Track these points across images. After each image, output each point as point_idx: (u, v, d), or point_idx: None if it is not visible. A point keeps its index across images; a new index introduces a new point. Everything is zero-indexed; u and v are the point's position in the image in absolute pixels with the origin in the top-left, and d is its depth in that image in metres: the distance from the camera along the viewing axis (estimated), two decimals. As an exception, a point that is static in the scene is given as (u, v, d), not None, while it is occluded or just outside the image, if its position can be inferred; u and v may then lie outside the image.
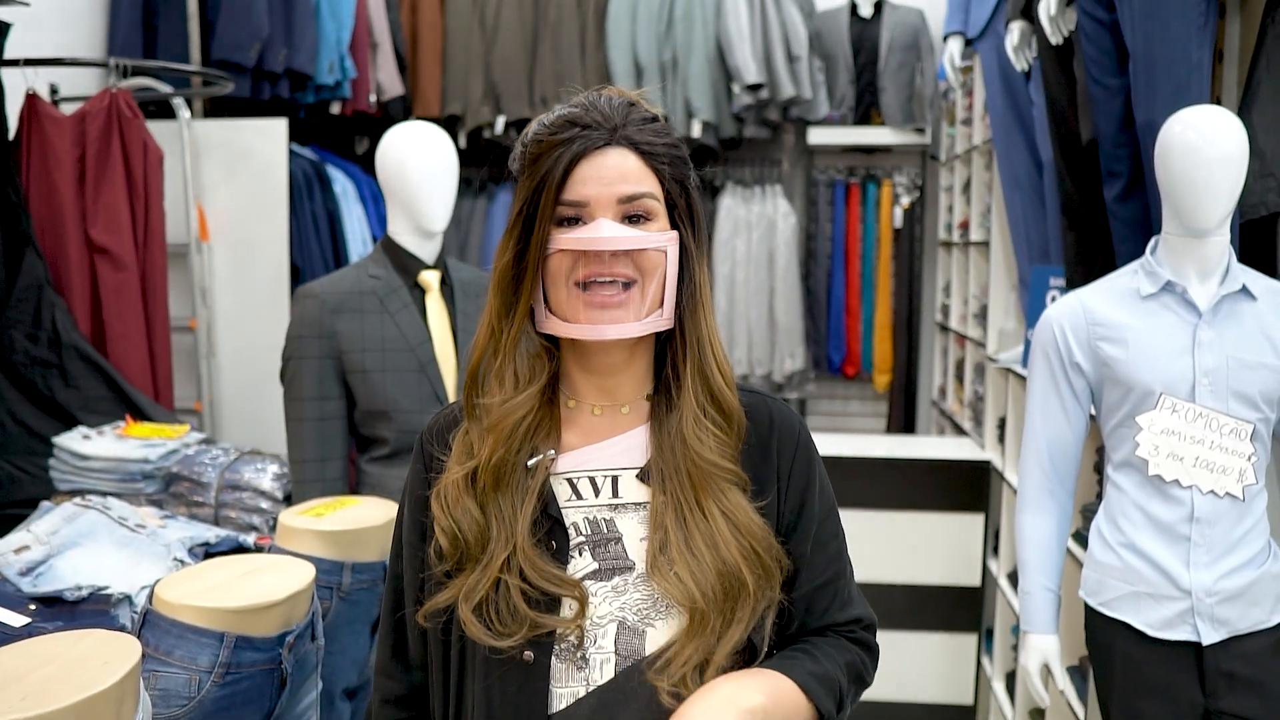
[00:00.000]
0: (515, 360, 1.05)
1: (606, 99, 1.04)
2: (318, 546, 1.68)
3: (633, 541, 1.04)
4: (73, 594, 1.56)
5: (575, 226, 1.01)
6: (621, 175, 1.01)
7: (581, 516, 1.05)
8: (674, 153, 1.05)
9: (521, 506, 1.02)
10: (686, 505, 1.02)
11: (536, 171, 1.01)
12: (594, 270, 1.00)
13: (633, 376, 1.09)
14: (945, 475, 3.25)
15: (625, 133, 1.02)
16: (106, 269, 2.46)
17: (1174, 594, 1.80)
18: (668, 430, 1.05)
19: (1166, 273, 1.84)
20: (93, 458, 2.16)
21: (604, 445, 1.08)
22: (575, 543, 1.04)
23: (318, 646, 1.54)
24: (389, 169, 2.05)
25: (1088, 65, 2.32)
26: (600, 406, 1.09)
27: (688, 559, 0.99)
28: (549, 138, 1.01)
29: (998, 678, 3.16)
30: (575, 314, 1.02)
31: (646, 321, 1.03)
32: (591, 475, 1.07)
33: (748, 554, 1.00)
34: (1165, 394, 1.81)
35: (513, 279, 1.04)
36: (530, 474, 1.04)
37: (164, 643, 1.33)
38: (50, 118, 2.42)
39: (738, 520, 1.02)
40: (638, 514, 1.05)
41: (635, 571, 1.03)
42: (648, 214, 1.02)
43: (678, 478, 1.03)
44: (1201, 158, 1.76)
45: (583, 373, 1.08)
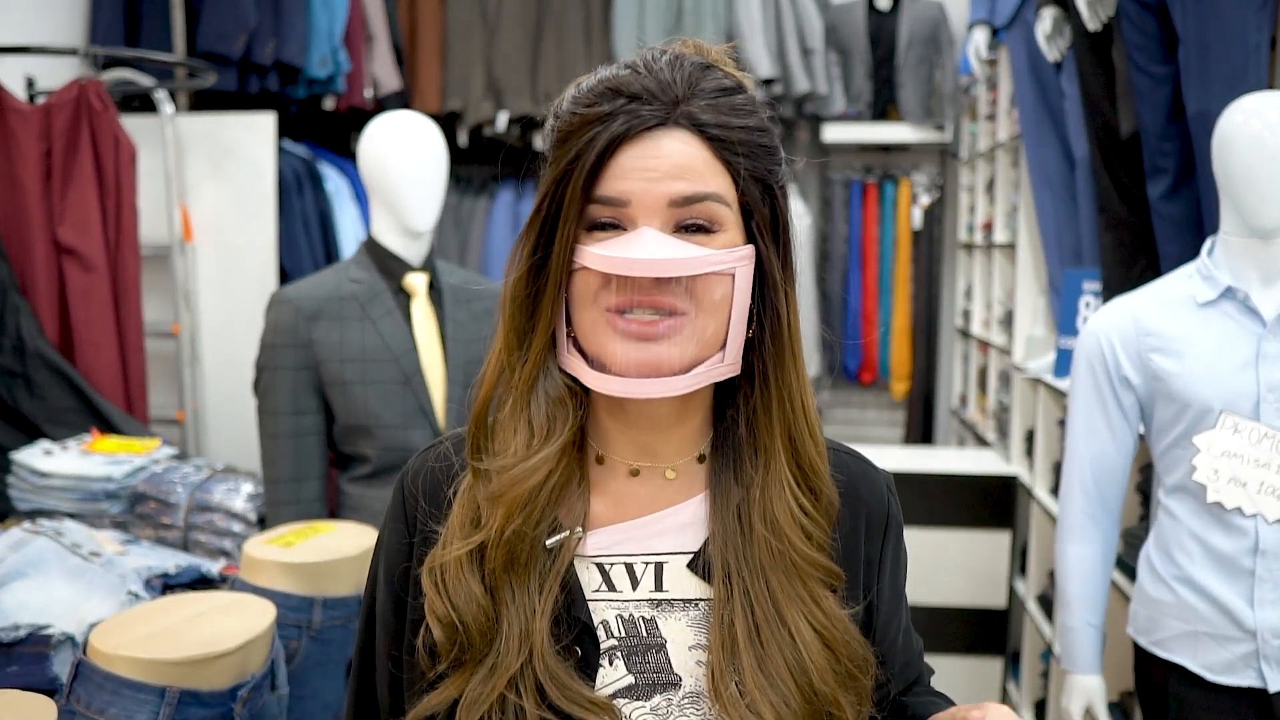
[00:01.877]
0: (531, 405, 0.81)
1: (671, 59, 0.78)
2: (286, 580, 1.52)
3: (679, 651, 0.81)
4: (9, 635, 1.40)
5: (611, 233, 0.77)
6: (678, 168, 0.76)
7: (614, 614, 0.82)
8: (758, 139, 0.78)
9: (541, 597, 0.80)
10: (762, 613, 0.79)
11: (563, 156, 0.77)
12: (628, 299, 0.76)
13: (683, 432, 0.85)
14: (970, 490, 3.07)
15: (689, 108, 0.76)
16: (75, 271, 2.30)
17: (1236, 634, 1.62)
18: (737, 507, 0.82)
19: (1226, 277, 1.67)
20: (53, 475, 2.00)
21: (644, 522, 0.84)
22: (606, 647, 0.81)
23: (279, 696, 1.38)
24: (370, 163, 1.88)
25: (1131, 52, 2.15)
26: (638, 468, 0.85)
27: (766, 689, 0.77)
28: (584, 110, 0.76)
29: (1025, 706, 2.98)
30: (604, 349, 0.77)
31: (698, 371, 0.78)
32: (628, 561, 0.83)
33: (844, 678, 0.80)
34: (1226, 412, 1.63)
35: (527, 299, 0.80)
36: (550, 555, 0.81)
37: (96, 699, 1.17)
38: (15, 110, 2.26)
39: (832, 635, 0.80)
40: (687, 614, 0.82)
41: (682, 690, 0.80)
42: (711, 223, 0.77)
43: (751, 574, 0.80)
44: (1267, 150, 1.59)
45: (618, 424, 0.84)
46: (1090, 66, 2.45)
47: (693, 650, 0.81)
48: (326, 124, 3.88)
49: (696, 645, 0.81)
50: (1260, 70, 1.92)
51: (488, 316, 2.01)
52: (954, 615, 3.11)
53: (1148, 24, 2.09)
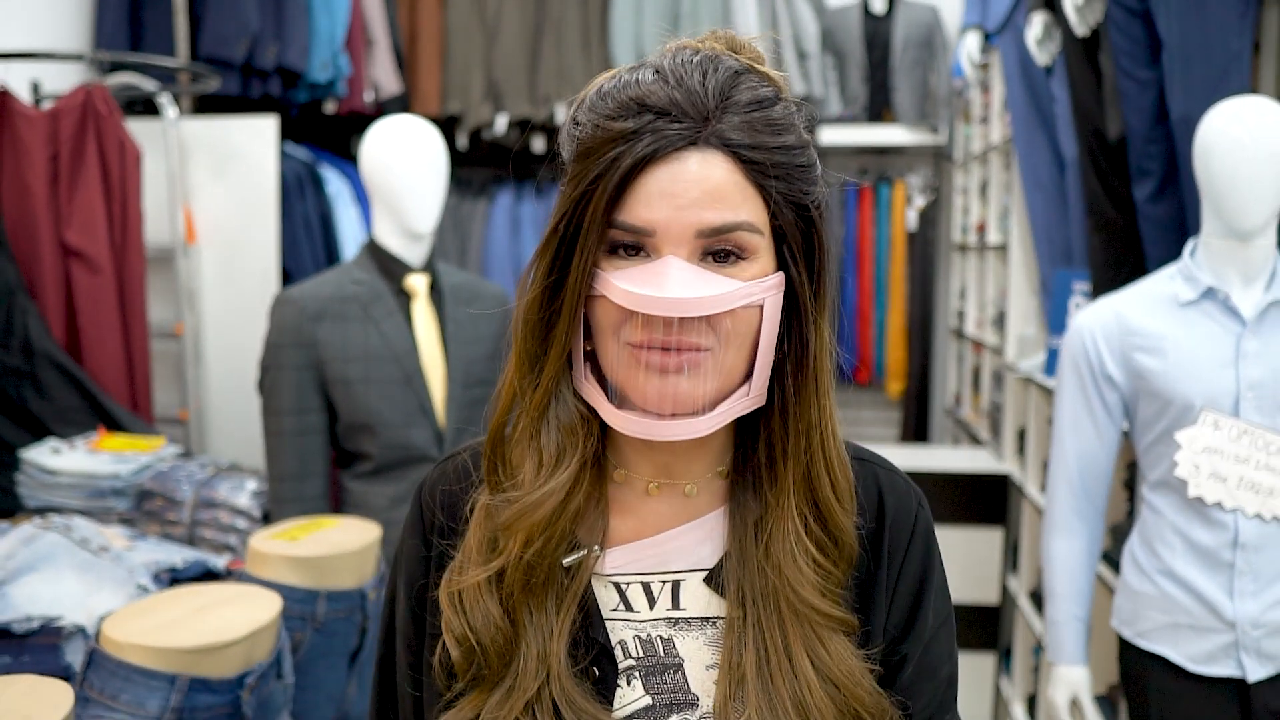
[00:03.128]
0: (541, 433, 0.78)
1: (701, 64, 0.72)
2: (290, 573, 1.56)
3: (696, 669, 0.79)
4: (22, 626, 1.44)
5: (634, 259, 0.73)
6: (707, 195, 0.71)
7: (631, 634, 0.81)
8: (794, 159, 0.73)
9: (559, 618, 0.78)
10: (771, 646, 0.77)
11: (584, 175, 0.72)
12: (650, 337, 0.72)
13: (705, 452, 0.82)
14: (962, 488, 3.11)
15: (721, 126, 0.71)
16: (81, 273, 2.34)
17: (1216, 626, 1.66)
18: (754, 526, 0.80)
19: (1207, 278, 1.71)
20: (61, 473, 2.04)
21: (662, 539, 0.82)
22: (624, 667, 0.80)
23: (285, 685, 1.42)
24: (372, 166, 1.93)
25: (1117, 57, 2.19)
26: (658, 484, 0.83)
27: (768, 712, 0.75)
28: (607, 124, 0.71)
29: (1017, 700, 3.02)
30: (626, 379, 0.74)
31: (722, 408, 0.75)
32: (645, 580, 0.82)
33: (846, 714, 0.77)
34: (1206, 409, 1.67)
35: (540, 323, 0.76)
36: (568, 574, 0.80)
37: (109, 685, 1.21)
38: (23, 115, 2.30)
39: (837, 678, 0.76)
40: (704, 632, 0.80)
41: (700, 709, 0.78)
42: (741, 251, 0.73)
43: (763, 603, 0.78)
44: (1246, 154, 1.63)
45: (636, 445, 0.82)
46: (1079, 71, 2.49)
47: (710, 670, 0.79)
48: (327, 127, 3.92)
49: (714, 665, 0.79)
50: (1242, 75, 1.96)
51: (487, 317, 2.05)
52: None
53: (1134, 29, 2.13)
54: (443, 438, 1.93)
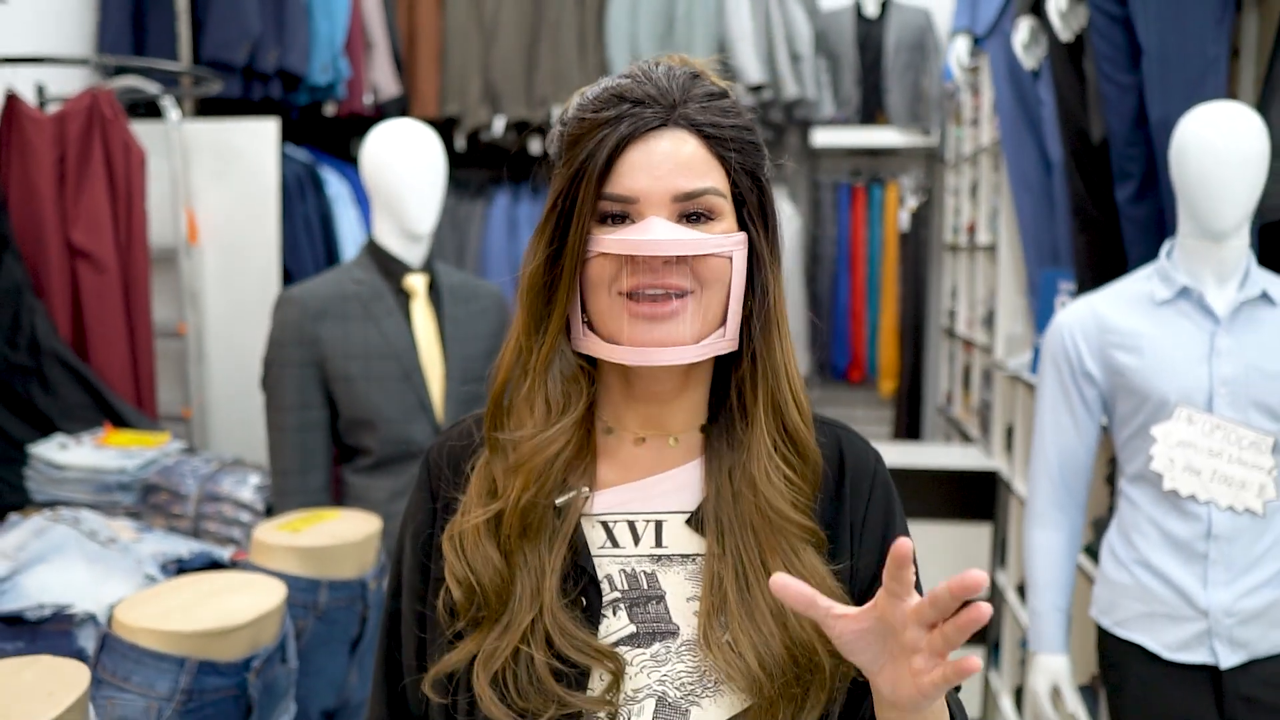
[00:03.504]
0: (547, 384, 0.88)
1: (665, 69, 0.87)
2: (293, 563, 1.61)
3: (677, 601, 0.88)
4: (34, 613, 1.48)
5: (621, 225, 0.85)
6: (679, 165, 0.84)
7: (617, 568, 0.89)
8: (745, 137, 0.88)
9: (550, 556, 0.87)
10: (749, 564, 0.86)
11: (575, 157, 0.85)
12: (643, 281, 0.84)
13: (686, 405, 0.92)
14: (951, 484, 3.17)
15: (686, 111, 0.85)
16: (87, 272, 2.39)
17: (1190, 614, 1.71)
18: (729, 470, 0.89)
19: (1182, 277, 1.77)
20: (68, 467, 2.09)
21: (647, 483, 0.91)
22: (609, 599, 0.88)
23: (289, 670, 1.47)
24: (372, 169, 1.98)
25: (1099, 62, 2.24)
26: (644, 436, 0.93)
27: (750, 631, 0.84)
28: (592, 115, 0.85)
29: (1005, 693, 3.08)
30: (619, 329, 0.85)
31: (705, 344, 0.86)
32: (631, 519, 0.91)
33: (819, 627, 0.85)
34: (1181, 404, 1.73)
35: (544, 287, 0.88)
36: (559, 515, 0.88)
37: (121, 668, 1.26)
38: (30, 118, 2.35)
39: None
40: (685, 568, 0.89)
41: (680, 638, 0.87)
42: (710, 212, 0.86)
43: (740, 529, 0.87)
44: (1219, 157, 1.69)
45: (627, 396, 0.92)
46: (1064, 75, 2.54)
47: (690, 601, 0.87)
48: (327, 129, 3.97)
49: (694, 597, 0.87)
50: (1218, 81, 2.02)
51: (484, 316, 2.10)
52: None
53: (1115, 35, 2.18)
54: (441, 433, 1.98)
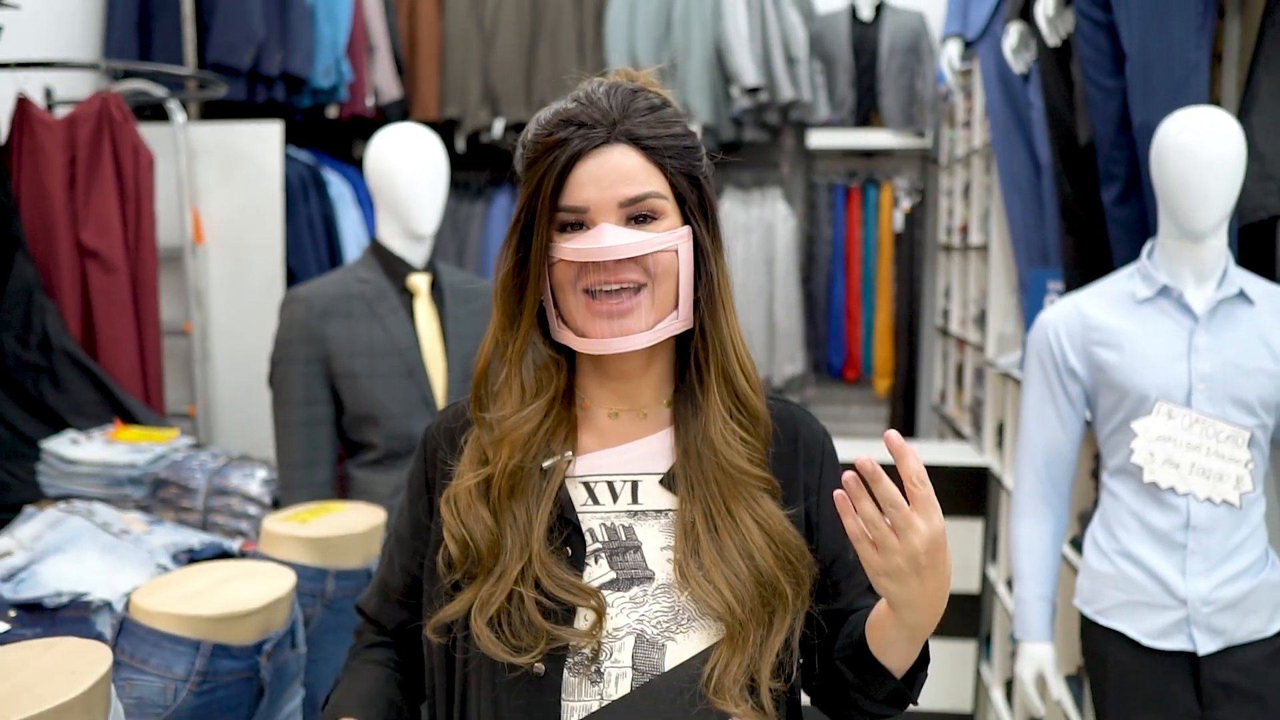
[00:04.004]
0: (522, 372, 1.01)
1: (606, 89, 0.98)
2: (302, 553, 1.67)
3: (653, 550, 0.99)
4: (52, 600, 1.54)
5: (577, 232, 0.97)
6: (623, 176, 0.96)
7: (598, 522, 1.01)
8: (681, 143, 0.99)
9: (537, 512, 0.98)
10: (717, 511, 0.98)
11: (533, 176, 0.97)
12: (600, 278, 0.96)
13: (652, 381, 1.05)
14: (943, 480, 3.22)
15: (625, 127, 0.96)
16: (97, 272, 2.44)
17: (1169, 603, 1.77)
18: (694, 435, 1.01)
19: (1163, 276, 1.82)
20: (80, 462, 2.15)
21: (623, 449, 1.03)
22: (591, 549, 0.99)
23: (299, 654, 1.53)
24: (377, 171, 2.03)
25: (1085, 66, 2.30)
26: (618, 411, 1.05)
27: (722, 568, 0.95)
28: (544, 139, 0.96)
29: (996, 685, 3.14)
30: (584, 323, 0.97)
31: (659, 328, 0.99)
32: (610, 480, 1.02)
33: (783, 562, 0.97)
34: (1161, 400, 1.78)
35: (514, 288, 1.00)
36: (546, 477, 1.00)
37: (139, 650, 1.32)
38: (41, 121, 2.41)
39: (771, 528, 0.98)
40: (659, 521, 1.01)
41: (655, 582, 0.98)
42: (654, 213, 0.97)
43: (706, 485, 0.99)
44: (1197, 160, 1.74)
45: (599, 376, 1.04)
46: (1052, 79, 2.60)
47: (663, 550, 0.99)
48: (329, 131, 4.03)
49: (667, 546, 0.99)
50: (1200, 85, 2.07)
51: (485, 314, 2.15)
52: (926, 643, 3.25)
53: (1100, 41, 2.24)
54: (443, 428, 2.04)
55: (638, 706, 0.93)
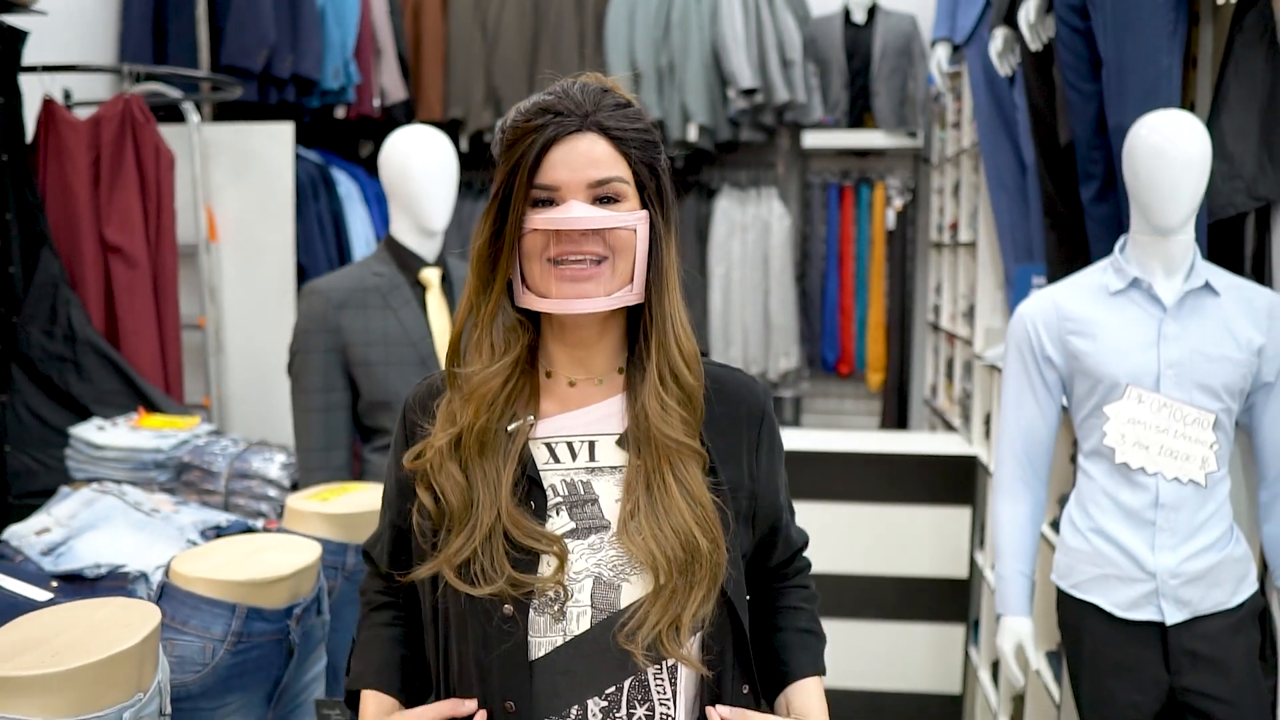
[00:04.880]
0: (492, 333, 1.11)
1: (580, 86, 1.09)
2: (324, 528, 1.77)
3: (608, 502, 1.10)
4: (92, 571, 1.65)
5: (549, 208, 1.07)
6: (591, 160, 1.06)
7: (559, 479, 1.12)
8: (644, 137, 1.10)
9: (505, 471, 1.09)
10: (654, 474, 1.09)
11: (512, 156, 1.07)
12: (566, 249, 1.06)
13: (606, 349, 1.15)
14: (933, 469, 3.34)
15: (596, 119, 1.07)
16: (120, 267, 2.55)
17: (1139, 576, 1.88)
18: (639, 402, 1.11)
19: (1134, 269, 1.93)
20: (107, 447, 2.25)
21: (581, 413, 1.14)
22: (553, 503, 1.10)
23: (323, 621, 1.63)
24: (392, 171, 2.14)
25: (1064, 71, 2.41)
26: (576, 378, 1.15)
27: (653, 525, 1.06)
28: (524, 124, 1.07)
29: (984, 666, 3.24)
30: (548, 288, 1.07)
31: (615, 296, 1.09)
32: (569, 440, 1.13)
33: (701, 522, 1.07)
34: (1131, 385, 1.89)
35: (490, 257, 1.10)
36: (511, 439, 1.10)
37: (180, 613, 1.42)
38: (66, 122, 2.51)
39: (692, 491, 1.08)
40: (613, 477, 1.12)
41: (610, 530, 1.09)
42: (617, 196, 1.08)
43: (646, 448, 1.10)
44: (1165, 160, 1.85)
45: (559, 345, 1.14)
46: (1035, 82, 2.70)
47: (617, 503, 1.10)
48: (335, 131, 4.13)
49: (619, 499, 1.10)
50: (1172, 90, 2.18)
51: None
52: (919, 585, 3.37)
53: (1078, 46, 2.35)
54: (454, 414, 2.14)
55: (598, 640, 1.05)
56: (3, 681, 1.08)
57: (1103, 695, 1.92)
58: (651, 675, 1.08)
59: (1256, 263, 2.14)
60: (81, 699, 1.12)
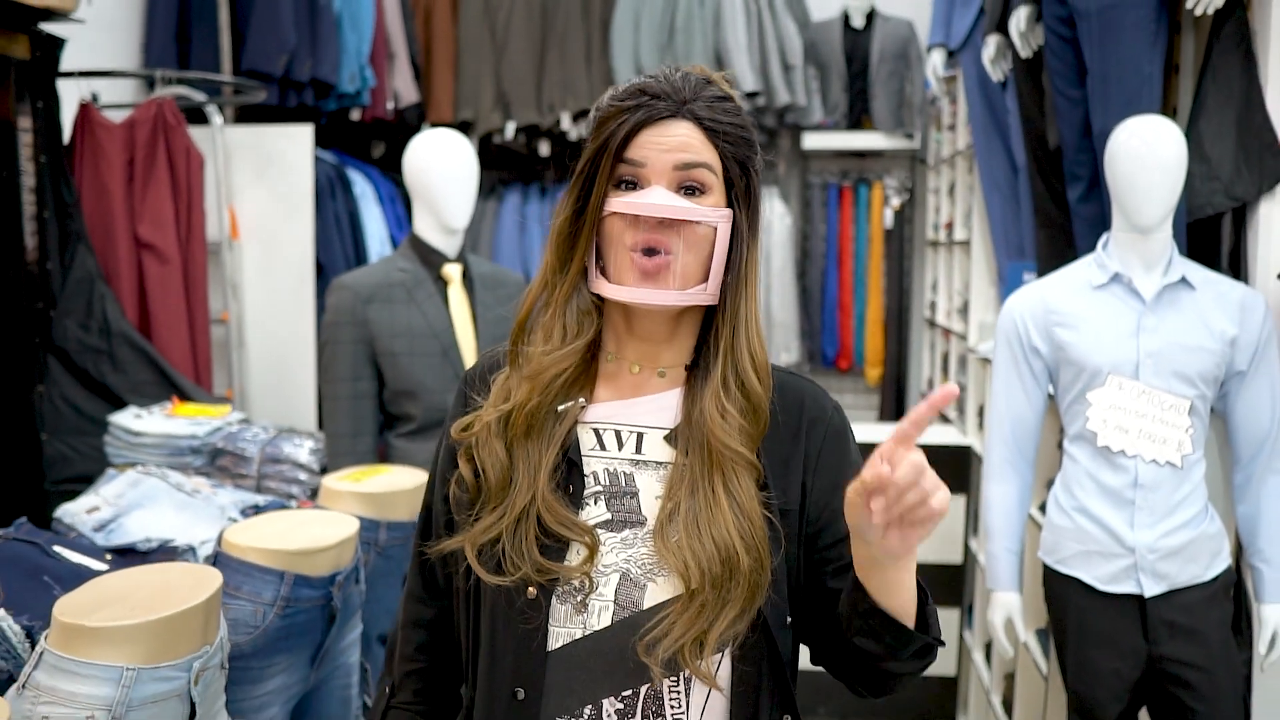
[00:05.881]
0: (565, 315, 1.07)
1: (682, 74, 1.05)
2: (358, 506, 1.90)
3: (648, 498, 1.06)
4: (144, 545, 1.77)
5: (632, 190, 1.03)
6: (681, 145, 1.03)
7: (602, 467, 1.08)
8: (739, 132, 1.06)
9: (547, 453, 1.05)
10: (700, 478, 1.04)
11: (600, 134, 1.04)
12: (645, 237, 1.02)
13: (676, 345, 1.11)
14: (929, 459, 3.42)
15: (691, 106, 1.03)
16: (152, 264, 2.67)
17: (1120, 551, 2.01)
18: (697, 402, 1.07)
19: (1115, 265, 2.06)
20: (145, 434, 2.37)
21: (634, 403, 1.10)
22: (591, 491, 1.06)
23: (360, 590, 1.76)
24: (415, 172, 2.26)
25: (1053, 78, 2.53)
26: (639, 366, 1.11)
27: (692, 532, 1.02)
28: (618, 103, 1.04)
29: (978, 648, 3.37)
30: (623, 277, 1.04)
31: (689, 293, 1.05)
32: (618, 429, 1.09)
33: (746, 538, 1.02)
34: (1112, 373, 2.02)
35: (569, 235, 1.07)
36: (559, 420, 1.07)
37: (233, 579, 1.54)
38: (101, 125, 2.63)
39: (742, 505, 1.03)
40: (657, 472, 1.07)
41: (646, 527, 1.05)
42: (703, 186, 1.04)
43: (696, 450, 1.05)
44: (1143, 163, 1.98)
45: (628, 334, 1.11)
46: (1026, 87, 2.83)
47: (658, 500, 1.06)
48: (348, 132, 4.25)
49: (661, 496, 1.06)
50: (1153, 96, 2.31)
51: (511, 300, 2.38)
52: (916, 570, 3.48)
53: (1065, 54, 2.47)
54: (475, 402, 2.27)
55: (616, 637, 1.01)
56: (92, 632, 1.20)
57: (1086, 664, 2.04)
58: (668, 686, 1.02)
59: (1233, 259, 2.27)
60: (158, 649, 1.25)
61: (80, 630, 1.21)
